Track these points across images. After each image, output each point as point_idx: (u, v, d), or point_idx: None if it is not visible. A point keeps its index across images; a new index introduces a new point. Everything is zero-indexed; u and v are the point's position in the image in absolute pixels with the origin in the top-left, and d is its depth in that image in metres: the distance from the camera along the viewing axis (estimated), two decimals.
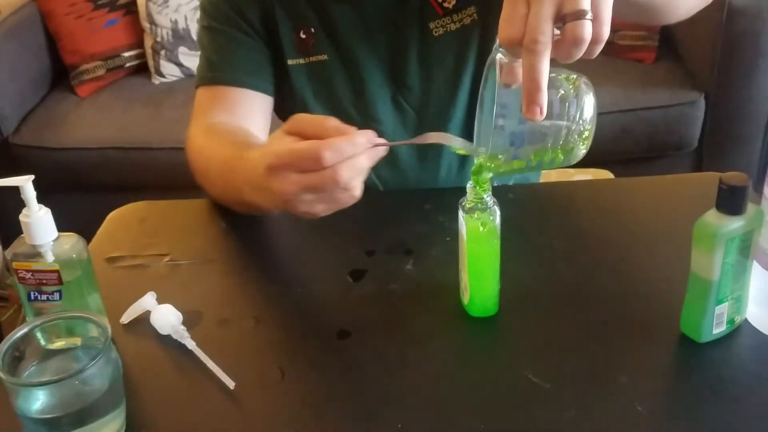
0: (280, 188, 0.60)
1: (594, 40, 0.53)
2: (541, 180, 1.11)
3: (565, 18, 0.52)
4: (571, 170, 1.36)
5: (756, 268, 0.61)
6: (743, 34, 1.63)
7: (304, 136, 0.60)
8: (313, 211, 0.61)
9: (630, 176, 0.93)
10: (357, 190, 0.60)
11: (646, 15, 0.72)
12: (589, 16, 0.52)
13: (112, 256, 0.80)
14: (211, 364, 0.63)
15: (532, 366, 0.62)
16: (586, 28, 0.52)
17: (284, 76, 0.93)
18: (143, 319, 0.69)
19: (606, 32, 0.53)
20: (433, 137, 0.62)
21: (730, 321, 0.62)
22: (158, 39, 2.02)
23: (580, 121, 0.57)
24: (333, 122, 0.59)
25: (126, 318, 0.69)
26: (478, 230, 0.64)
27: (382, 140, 0.59)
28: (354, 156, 0.57)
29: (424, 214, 0.84)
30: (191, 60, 2.01)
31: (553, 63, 0.54)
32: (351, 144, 0.57)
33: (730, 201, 0.56)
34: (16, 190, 0.60)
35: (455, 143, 0.62)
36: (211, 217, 0.87)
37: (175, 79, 2.05)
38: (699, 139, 1.75)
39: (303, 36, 0.91)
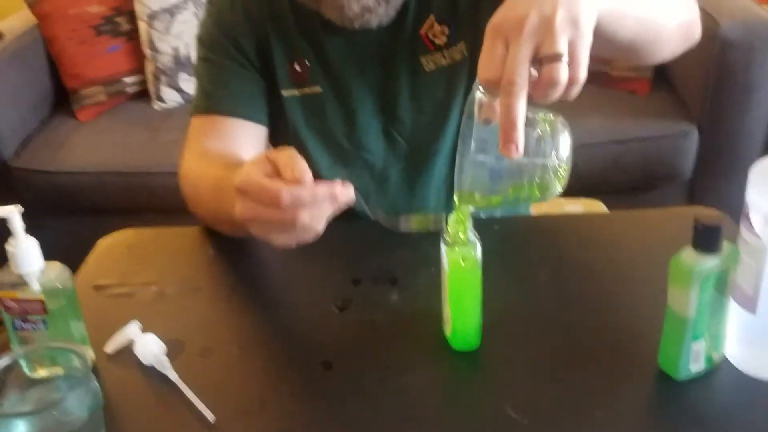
0: (240, 210, 0.63)
1: (570, 83, 0.54)
2: (533, 210, 1.12)
3: (542, 60, 0.53)
4: (563, 200, 1.37)
5: (733, 306, 0.62)
6: (735, 67, 1.65)
7: (275, 164, 0.62)
8: (269, 239, 0.64)
9: (622, 207, 0.94)
10: (318, 228, 0.62)
11: (628, 55, 0.74)
12: (565, 59, 0.53)
13: (100, 284, 0.81)
14: (191, 396, 0.63)
15: (511, 400, 0.62)
16: (562, 71, 0.53)
17: (278, 106, 0.94)
18: (127, 348, 0.69)
19: (582, 75, 0.54)
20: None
21: (708, 358, 0.62)
22: (159, 65, 2.04)
23: (556, 160, 0.59)
24: (298, 168, 0.60)
25: (110, 347, 0.70)
26: (459, 264, 0.65)
27: (345, 196, 0.61)
28: (315, 204, 0.60)
29: (411, 244, 0.85)
30: (191, 86, 2.02)
31: (532, 102, 0.56)
32: (311, 193, 0.60)
33: (705, 239, 0.57)
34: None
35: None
36: (199, 244, 0.88)
37: (175, 104, 2.07)
38: (692, 171, 1.76)
39: (297, 68, 0.93)
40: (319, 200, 0.60)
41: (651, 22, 0.69)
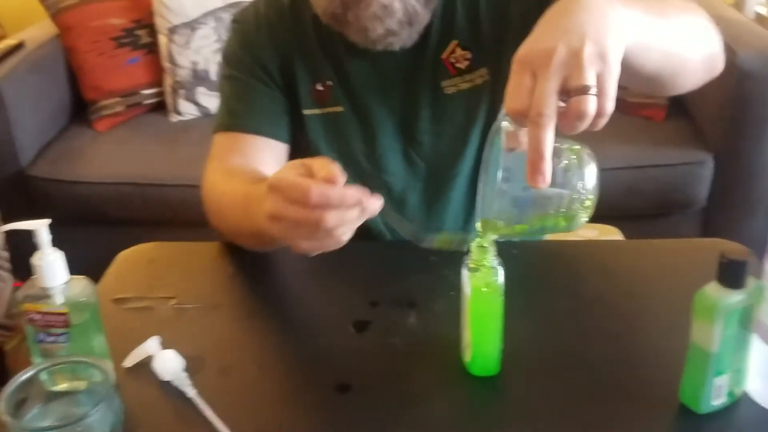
0: (269, 207, 0.62)
1: (598, 114, 0.54)
2: (548, 235, 1.12)
3: (570, 92, 0.54)
4: None
5: (756, 342, 0.62)
6: (753, 97, 1.65)
7: (310, 167, 0.63)
8: (295, 244, 0.63)
9: (636, 233, 0.94)
10: (344, 236, 0.62)
11: (652, 87, 0.74)
12: (593, 91, 0.53)
13: (120, 297, 0.82)
14: (209, 414, 0.63)
15: (530, 429, 0.62)
16: (590, 103, 0.53)
17: (299, 125, 0.95)
18: (146, 363, 0.70)
19: (611, 107, 0.55)
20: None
21: (730, 393, 0.62)
22: (178, 79, 2.06)
23: (583, 191, 0.59)
24: (335, 177, 0.61)
25: (129, 362, 0.70)
26: (481, 290, 0.65)
27: (373, 205, 0.61)
28: (342, 207, 0.59)
29: (430, 267, 0.85)
30: (209, 100, 2.05)
31: (558, 133, 0.56)
32: (340, 195, 0.59)
33: (731, 275, 0.57)
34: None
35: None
36: (219, 260, 0.89)
37: (192, 117, 2.09)
38: (707, 199, 1.75)
39: (320, 88, 0.94)
40: (347, 203, 0.59)
41: (676, 55, 0.70)
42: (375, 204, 0.61)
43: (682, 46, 0.71)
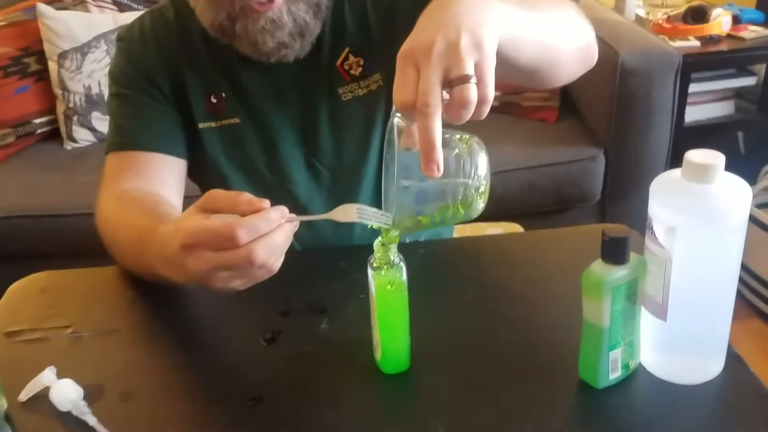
0: (195, 267, 0.60)
1: (480, 102, 0.56)
2: (456, 234, 1.15)
3: (452, 83, 0.56)
4: (484, 224, 1.41)
5: (645, 315, 0.65)
6: (636, 94, 1.75)
7: (217, 212, 0.61)
8: (229, 287, 0.62)
9: (539, 228, 0.98)
10: (275, 265, 0.61)
11: (531, 79, 0.78)
12: (473, 80, 0.56)
13: (12, 330, 0.77)
14: None
15: (443, 420, 0.63)
16: (472, 91, 0.55)
17: (196, 140, 0.94)
18: (43, 395, 0.66)
19: (490, 94, 0.57)
20: (341, 214, 0.62)
21: (625, 366, 0.65)
22: (71, 105, 1.99)
23: (476, 177, 0.61)
24: (246, 197, 0.60)
25: (24, 395, 0.66)
26: (386, 287, 0.66)
27: (294, 215, 0.61)
28: (268, 234, 0.58)
29: (340, 273, 0.85)
30: (105, 125, 1.98)
31: (449, 124, 0.58)
32: (265, 221, 0.58)
33: (613, 252, 0.60)
34: None
35: (367, 218, 0.61)
36: (116, 285, 0.85)
37: (87, 143, 2.02)
38: (601, 191, 1.85)
39: (214, 100, 0.92)
40: (273, 224, 0.58)
41: (551, 47, 0.73)
42: (293, 221, 0.61)
43: (555, 39, 0.74)
